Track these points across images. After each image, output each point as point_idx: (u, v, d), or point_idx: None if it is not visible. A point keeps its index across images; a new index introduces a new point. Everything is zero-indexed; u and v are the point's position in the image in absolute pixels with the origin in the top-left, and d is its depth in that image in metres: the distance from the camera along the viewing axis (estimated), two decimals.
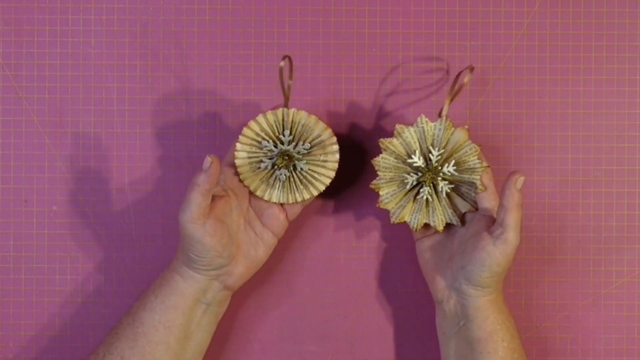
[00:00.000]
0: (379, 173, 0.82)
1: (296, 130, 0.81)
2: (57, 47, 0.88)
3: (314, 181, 0.82)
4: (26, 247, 0.88)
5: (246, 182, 0.82)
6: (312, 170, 0.82)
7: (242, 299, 0.89)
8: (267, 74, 0.89)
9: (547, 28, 0.89)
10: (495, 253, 0.77)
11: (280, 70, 0.78)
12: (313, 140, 0.81)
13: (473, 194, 0.82)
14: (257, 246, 0.83)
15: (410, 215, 0.83)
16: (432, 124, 0.81)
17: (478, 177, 0.81)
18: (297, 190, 0.82)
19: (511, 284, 0.89)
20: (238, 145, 0.81)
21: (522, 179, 0.77)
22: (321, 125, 0.81)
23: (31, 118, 0.88)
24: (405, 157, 0.82)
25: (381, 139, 0.82)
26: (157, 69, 0.89)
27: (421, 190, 0.82)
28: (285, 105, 0.81)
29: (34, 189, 0.88)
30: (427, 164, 0.82)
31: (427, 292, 0.89)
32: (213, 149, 0.88)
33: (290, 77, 0.80)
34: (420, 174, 0.82)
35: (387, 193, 0.83)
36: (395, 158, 0.82)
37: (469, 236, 0.80)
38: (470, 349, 0.79)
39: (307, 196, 0.82)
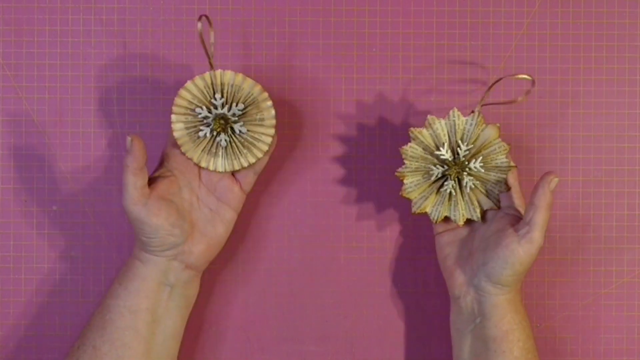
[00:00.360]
0: (405, 161, 0.82)
1: (227, 92, 0.80)
2: (57, 47, 0.88)
3: (255, 142, 0.81)
4: (26, 247, 0.88)
5: (188, 155, 0.81)
6: (251, 131, 0.81)
7: (242, 299, 0.89)
8: (267, 74, 0.89)
9: (547, 28, 0.89)
10: (519, 251, 0.77)
11: (200, 33, 0.79)
12: (245, 99, 0.80)
13: (497, 192, 0.82)
14: (215, 222, 0.82)
15: (432, 206, 0.83)
16: (464, 119, 0.81)
17: (504, 176, 0.81)
18: (242, 154, 0.81)
19: None
20: (173, 117, 0.80)
21: (556, 180, 0.78)
22: (250, 82, 0.80)
23: (31, 118, 0.88)
24: (434, 149, 0.82)
25: (411, 128, 0.81)
26: (157, 69, 0.89)
27: (445, 183, 0.82)
28: (211, 66, 0.80)
29: (34, 189, 0.88)
30: (454, 158, 0.82)
31: (427, 293, 0.89)
32: None
33: (211, 37, 0.80)
34: (446, 166, 0.82)
35: (412, 182, 0.82)
36: (423, 148, 0.82)
37: (490, 233, 0.80)
38: (485, 347, 0.79)
39: (252, 159, 0.81)
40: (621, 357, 0.89)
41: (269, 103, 0.80)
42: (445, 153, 0.81)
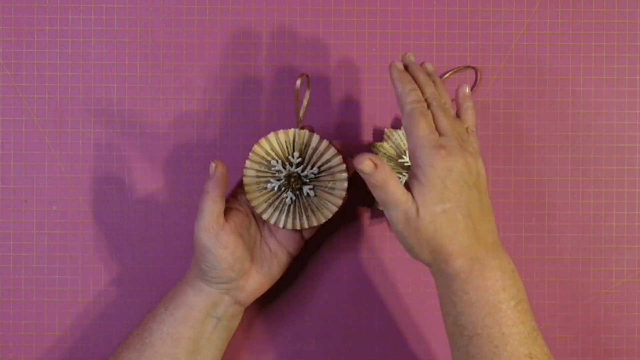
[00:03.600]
0: None
1: (306, 153, 0.80)
2: (57, 47, 0.88)
3: (320, 208, 0.81)
4: (26, 247, 0.88)
5: (252, 203, 0.80)
6: (319, 196, 0.81)
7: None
8: (267, 73, 0.89)
9: (547, 28, 0.89)
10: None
11: (297, 89, 0.78)
12: (322, 165, 0.80)
13: None
14: (272, 263, 0.82)
15: None
16: None
17: None
18: (303, 216, 0.81)
19: None
20: (247, 163, 0.80)
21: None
22: (332, 150, 0.80)
23: (31, 118, 0.88)
24: (397, 158, 0.85)
25: (373, 143, 0.85)
26: (157, 69, 0.89)
27: None
28: (298, 125, 0.80)
29: (34, 189, 0.88)
30: None
31: (427, 292, 0.89)
32: (213, 149, 0.88)
33: (307, 98, 0.79)
34: None
35: None
36: (388, 160, 0.85)
37: None
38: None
39: (314, 223, 0.81)
40: (621, 357, 0.89)
41: (344, 175, 0.80)
42: (409, 160, 0.83)
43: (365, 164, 0.71)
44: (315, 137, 0.80)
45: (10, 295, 0.88)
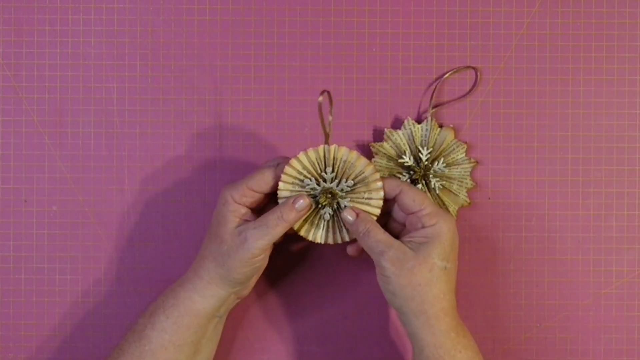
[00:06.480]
0: None
1: (338, 167, 0.79)
2: (57, 47, 0.88)
3: None
4: (26, 247, 0.88)
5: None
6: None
7: (242, 300, 0.89)
8: (267, 73, 0.89)
9: (547, 28, 0.89)
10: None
11: (319, 105, 0.77)
12: (356, 177, 0.80)
13: (465, 189, 0.86)
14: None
15: None
16: (419, 126, 0.86)
17: (468, 173, 0.86)
18: (342, 229, 0.80)
19: (511, 284, 0.89)
20: (281, 185, 0.79)
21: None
22: (363, 161, 0.79)
23: (31, 118, 0.88)
24: (397, 158, 0.86)
25: (372, 143, 0.87)
26: (157, 69, 0.89)
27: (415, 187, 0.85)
28: (326, 142, 0.79)
29: (34, 189, 0.88)
30: (417, 163, 0.86)
31: None
32: (213, 149, 0.88)
33: (331, 113, 0.78)
34: (412, 172, 0.86)
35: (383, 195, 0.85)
36: (387, 160, 0.86)
37: None
38: None
39: (353, 235, 0.80)
40: (621, 357, 0.89)
41: (379, 184, 0.79)
42: (409, 160, 0.86)
43: (346, 212, 0.78)
44: (345, 150, 0.79)
45: (10, 295, 0.88)
